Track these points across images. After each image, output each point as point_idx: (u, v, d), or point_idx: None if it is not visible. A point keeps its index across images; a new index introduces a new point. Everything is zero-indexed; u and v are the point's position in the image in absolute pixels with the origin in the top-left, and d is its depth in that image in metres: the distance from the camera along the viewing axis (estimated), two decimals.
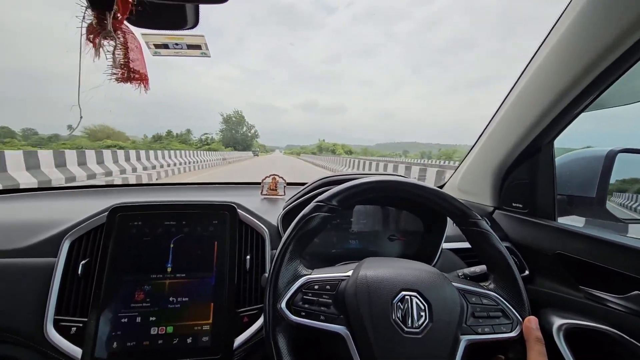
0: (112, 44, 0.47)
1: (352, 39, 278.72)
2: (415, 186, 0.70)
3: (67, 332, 0.74)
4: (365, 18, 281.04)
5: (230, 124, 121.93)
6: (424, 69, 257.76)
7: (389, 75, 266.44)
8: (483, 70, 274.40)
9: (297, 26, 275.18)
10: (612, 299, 0.77)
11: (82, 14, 0.43)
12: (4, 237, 0.84)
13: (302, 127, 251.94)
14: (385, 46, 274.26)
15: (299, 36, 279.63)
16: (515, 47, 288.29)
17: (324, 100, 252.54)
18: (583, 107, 0.81)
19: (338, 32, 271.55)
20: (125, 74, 0.50)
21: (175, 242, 0.83)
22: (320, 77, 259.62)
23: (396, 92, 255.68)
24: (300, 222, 0.66)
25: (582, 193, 0.99)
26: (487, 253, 0.68)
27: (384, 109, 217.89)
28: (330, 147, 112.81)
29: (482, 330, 0.59)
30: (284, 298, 0.60)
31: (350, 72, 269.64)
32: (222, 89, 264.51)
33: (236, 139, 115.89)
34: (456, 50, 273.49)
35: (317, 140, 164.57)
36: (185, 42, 0.76)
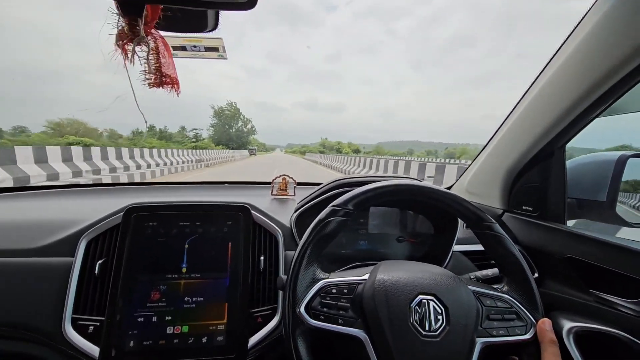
0: (145, 49, 0.47)
1: (352, 37, 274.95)
2: (431, 190, 0.71)
3: (85, 331, 0.75)
4: (365, 16, 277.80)
5: (222, 118, 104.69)
6: (425, 67, 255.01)
7: (390, 74, 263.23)
8: (485, 68, 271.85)
9: (297, 24, 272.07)
10: (623, 303, 0.77)
11: (116, 20, 0.44)
12: (23, 236, 0.85)
13: (303, 126, 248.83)
14: (386, 44, 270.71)
15: (299, 34, 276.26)
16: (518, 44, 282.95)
17: (325, 98, 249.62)
18: (599, 112, 0.81)
19: (338, 30, 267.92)
20: (157, 78, 0.51)
21: (190, 242, 0.84)
22: (320, 75, 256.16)
23: (397, 90, 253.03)
24: (317, 226, 0.66)
25: (593, 197, 0.99)
26: (501, 256, 0.68)
27: (385, 108, 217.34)
28: (334, 146, 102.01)
29: (497, 333, 0.60)
30: (303, 302, 0.61)
31: (350, 70, 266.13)
32: (222, 87, 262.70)
33: (230, 136, 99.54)
34: (458, 48, 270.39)
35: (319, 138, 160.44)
36: (203, 45, 0.77)
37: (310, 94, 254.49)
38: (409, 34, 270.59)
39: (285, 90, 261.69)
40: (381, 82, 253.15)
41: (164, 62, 0.51)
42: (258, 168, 20.53)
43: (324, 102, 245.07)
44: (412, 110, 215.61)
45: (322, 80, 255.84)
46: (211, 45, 0.77)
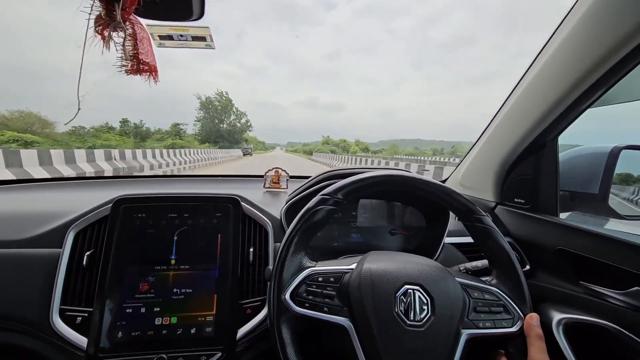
0: (122, 35, 0.46)
1: (352, 36, 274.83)
2: (421, 181, 0.70)
3: (73, 322, 0.75)
4: (365, 14, 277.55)
5: (211, 110, 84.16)
6: (426, 65, 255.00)
7: (390, 72, 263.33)
8: (486, 67, 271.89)
9: (296, 22, 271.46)
10: (612, 295, 0.77)
11: (90, 5, 0.43)
12: (10, 228, 0.85)
13: (303, 125, 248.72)
14: (386, 43, 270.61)
15: (299, 32, 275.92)
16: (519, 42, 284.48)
17: (325, 97, 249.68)
18: (590, 103, 0.81)
19: (338, 28, 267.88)
20: (135, 65, 0.50)
21: (179, 234, 0.83)
22: (320, 74, 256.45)
23: (397, 89, 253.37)
24: (305, 214, 0.66)
25: (585, 189, 0.99)
26: (490, 249, 0.68)
27: (385, 106, 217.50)
28: (340, 144, 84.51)
29: (483, 325, 0.59)
30: (289, 289, 0.61)
31: (350, 69, 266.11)
32: (221, 85, 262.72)
33: (220, 132, 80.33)
34: (458, 46, 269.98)
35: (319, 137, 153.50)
36: (190, 34, 0.76)
37: (310, 93, 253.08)
38: (409, 32, 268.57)
39: (285, 89, 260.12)
40: (381, 81, 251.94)
41: (141, 49, 0.50)
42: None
43: (324, 100, 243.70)
44: (412, 109, 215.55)
45: (322, 79, 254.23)
46: (198, 34, 0.76)
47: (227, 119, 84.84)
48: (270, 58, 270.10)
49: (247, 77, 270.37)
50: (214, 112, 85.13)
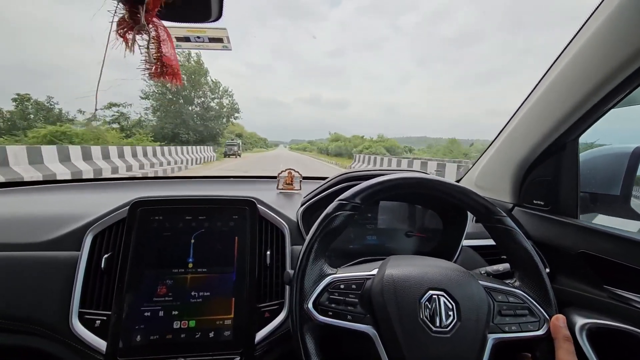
0: (146, 38, 0.46)
1: (356, 33, 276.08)
2: (440, 183, 0.69)
3: (92, 325, 0.75)
4: (369, 11, 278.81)
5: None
6: (431, 62, 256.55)
7: (395, 69, 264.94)
8: (491, 64, 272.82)
9: (300, 19, 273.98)
10: (638, 299, 0.75)
11: (114, 7, 0.42)
12: (29, 231, 0.85)
13: (306, 122, 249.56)
14: (391, 39, 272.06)
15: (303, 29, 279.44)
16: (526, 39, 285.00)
17: (328, 94, 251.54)
18: (614, 104, 0.79)
19: (342, 25, 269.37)
20: (158, 68, 0.49)
21: (196, 237, 0.83)
22: (324, 71, 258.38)
23: (402, 86, 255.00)
24: (324, 221, 0.65)
25: (606, 191, 0.96)
26: (512, 250, 0.67)
27: (389, 103, 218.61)
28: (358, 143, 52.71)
29: (509, 329, 0.58)
30: (311, 298, 0.60)
31: (354, 66, 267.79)
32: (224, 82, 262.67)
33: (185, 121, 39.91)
34: (464, 43, 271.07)
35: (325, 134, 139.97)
36: (207, 35, 0.75)
37: (313, 90, 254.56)
38: (414, 29, 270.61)
39: (288, 86, 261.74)
40: (385, 78, 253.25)
41: (165, 52, 0.50)
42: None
43: (328, 97, 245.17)
44: (416, 106, 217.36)
45: (325, 75, 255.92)
46: (215, 35, 0.75)
47: (201, 96, 45.18)
48: (273, 55, 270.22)
49: (250, 74, 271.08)
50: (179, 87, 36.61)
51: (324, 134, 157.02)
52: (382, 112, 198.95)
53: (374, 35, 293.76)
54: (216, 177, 1.47)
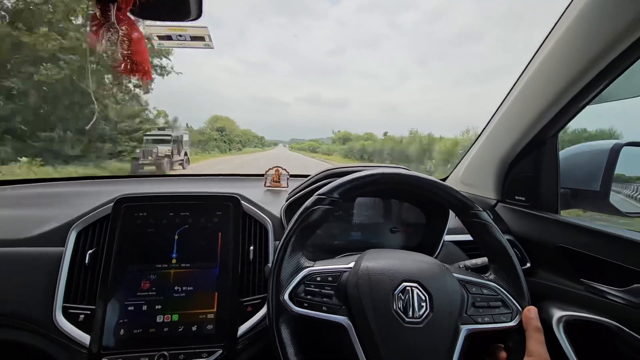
0: (116, 35, 0.47)
1: (356, 31, 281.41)
2: (417, 178, 0.70)
3: (76, 319, 0.76)
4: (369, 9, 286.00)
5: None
6: (431, 61, 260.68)
7: (395, 68, 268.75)
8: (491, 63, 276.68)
9: (299, 17, 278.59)
10: (613, 292, 0.77)
11: (86, 4, 0.43)
12: (13, 227, 0.86)
13: (306, 121, 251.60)
14: (390, 38, 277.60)
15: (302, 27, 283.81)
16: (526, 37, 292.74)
17: (328, 93, 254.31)
18: (588, 100, 0.80)
19: (341, 23, 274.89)
20: (128, 65, 0.50)
21: (180, 233, 0.84)
22: (323, 69, 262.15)
23: (402, 84, 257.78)
24: (302, 214, 0.66)
25: (586, 186, 0.98)
26: (487, 244, 0.68)
27: (389, 102, 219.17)
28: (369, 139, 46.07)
29: (482, 320, 0.59)
30: (287, 289, 0.61)
31: (354, 64, 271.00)
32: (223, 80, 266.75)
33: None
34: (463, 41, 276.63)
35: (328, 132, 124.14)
36: (188, 34, 0.76)
37: (313, 89, 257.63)
38: (414, 27, 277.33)
39: (288, 85, 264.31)
40: (385, 77, 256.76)
41: (135, 49, 0.51)
42: None
43: (327, 96, 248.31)
44: (417, 105, 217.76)
45: (325, 74, 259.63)
46: (197, 34, 0.76)
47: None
48: (272, 53, 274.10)
49: (248, 72, 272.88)
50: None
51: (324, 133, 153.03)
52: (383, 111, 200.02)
53: (373, 33, 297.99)
54: (203, 175, 1.49)
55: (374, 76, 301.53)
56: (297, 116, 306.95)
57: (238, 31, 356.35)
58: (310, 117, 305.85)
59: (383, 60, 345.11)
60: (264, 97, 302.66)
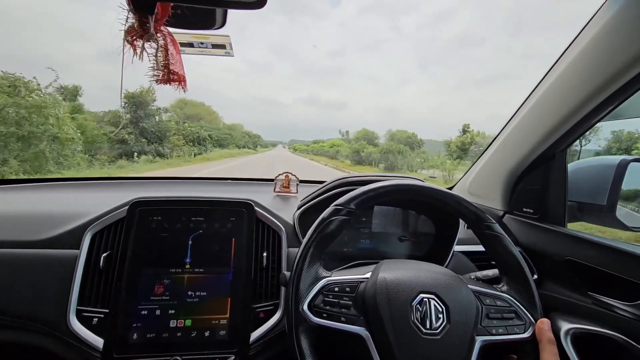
0: (154, 46, 0.48)
1: (356, 34, 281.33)
2: (432, 190, 0.71)
3: (89, 323, 0.76)
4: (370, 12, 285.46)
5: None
6: (432, 65, 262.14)
7: (396, 71, 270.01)
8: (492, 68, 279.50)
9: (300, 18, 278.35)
10: (621, 306, 0.78)
11: (125, 16, 0.44)
12: (29, 228, 0.86)
13: (305, 122, 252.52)
14: (391, 41, 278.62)
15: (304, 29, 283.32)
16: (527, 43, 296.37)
17: (328, 95, 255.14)
18: (601, 117, 0.82)
19: (342, 25, 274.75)
20: (165, 75, 0.51)
21: (194, 237, 0.85)
22: (323, 71, 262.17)
23: (403, 88, 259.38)
24: (320, 225, 0.67)
25: (593, 200, 0.99)
26: (500, 256, 0.69)
27: (389, 106, 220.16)
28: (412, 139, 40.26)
29: (496, 331, 0.61)
30: (306, 300, 0.62)
31: (354, 67, 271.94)
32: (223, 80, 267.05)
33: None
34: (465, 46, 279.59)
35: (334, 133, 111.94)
36: (210, 42, 0.77)
37: (312, 90, 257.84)
38: (415, 31, 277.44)
39: (287, 86, 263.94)
40: (386, 80, 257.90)
41: (172, 59, 0.52)
42: None
43: (327, 98, 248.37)
44: (418, 109, 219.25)
45: (325, 76, 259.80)
46: (218, 42, 0.77)
47: None
48: (273, 54, 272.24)
49: (249, 73, 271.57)
50: None
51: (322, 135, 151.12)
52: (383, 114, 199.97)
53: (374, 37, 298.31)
54: (214, 178, 1.49)
55: (374, 79, 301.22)
56: (296, 117, 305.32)
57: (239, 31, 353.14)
58: (309, 119, 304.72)
59: (384, 63, 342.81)
60: (265, 97, 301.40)
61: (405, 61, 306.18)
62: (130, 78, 0.58)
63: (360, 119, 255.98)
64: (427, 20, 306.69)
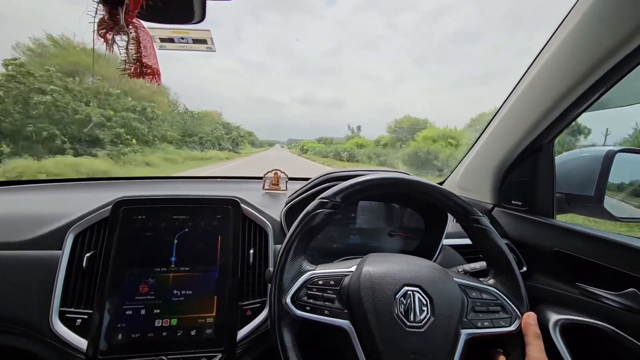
0: (125, 39, 0.47)
1: (353, 31, 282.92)
2: (419, 183, 0.71)
3: (73, 324, 0.75)
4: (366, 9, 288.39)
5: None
6: (428, 62, 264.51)
7: (392, 69, 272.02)
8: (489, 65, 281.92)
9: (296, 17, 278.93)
10: (608, 296, 0.78)
11: (94, 8, 0.43)
12: (10, 229, 0.84)
13: (302, 121, 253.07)
14: (388, 38, 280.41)
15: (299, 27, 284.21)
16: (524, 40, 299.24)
17: (324, 93, 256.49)
18: (585, 107, 0.82)
19: (339, 23, 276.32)
20: (137, 69, 0.50)
21: (179, 236, 0.84)
22: (319, 70, 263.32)
23: (399, 85, 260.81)
24: (304, 218, 0.67)
25: (581, 192, 1.00)
26: (487, 249, 0.69)
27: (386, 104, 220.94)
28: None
29: (481, 325, 0.60)
30: (289, 293, 0.61)
31: (351, 65, 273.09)
32: (220, 81, 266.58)
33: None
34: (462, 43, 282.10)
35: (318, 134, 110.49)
36: (191, 37, 0.76)
37: (309, 89, 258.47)
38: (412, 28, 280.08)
39: (284, 85, 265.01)
40: (382, 78, 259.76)
41: (145, 52, 0.51)
42: None
43: (324, 97, 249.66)
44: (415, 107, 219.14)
45: (321, 74, 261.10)
46: (199, 37, 0.76)
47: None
48: (268, 53, 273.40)
49: (244, 72, 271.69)
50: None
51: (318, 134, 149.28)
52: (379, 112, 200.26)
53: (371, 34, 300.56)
54: (202, 177, 1.48)
55: (370, 77, 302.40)
56: (293, 117, 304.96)
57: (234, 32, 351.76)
58: (305, 118, 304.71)
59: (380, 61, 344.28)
60: (261, 97, 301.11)
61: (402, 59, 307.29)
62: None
63: (359, 117, 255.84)
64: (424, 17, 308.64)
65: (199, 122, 27.10)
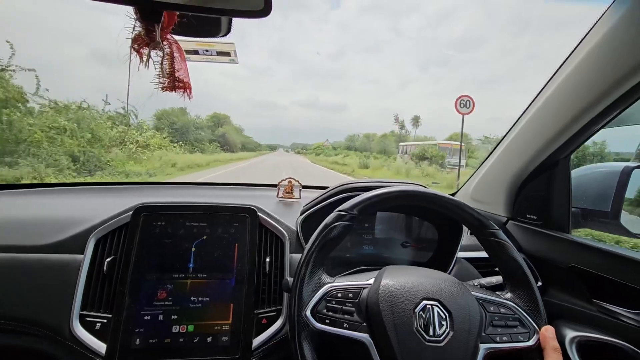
0: (160, 54, 0.49)
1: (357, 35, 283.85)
2: (436, 196, 0.72)
3: (92, 328, 0.76)
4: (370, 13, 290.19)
5: None
6: (433, 66, 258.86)
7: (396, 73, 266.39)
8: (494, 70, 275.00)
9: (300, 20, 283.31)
10: (626, 314, 0.77)
11: (132, 25, 0.45)
12: (33, 233, 0.86)
13: (305, 125, 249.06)
14: (391, 42, 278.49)
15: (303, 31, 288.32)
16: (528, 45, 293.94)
17: (327, 97, 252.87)
18: (604, 124, 0.82)
19: (342, 27, 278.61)
20: (171, 83, 0.52)
21: (197, 243, 0.85)
22: (322, 73, 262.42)
23: (403, 89, 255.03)
24: (323, 231, 0.67)
25: (597, 207, 0.99)
26: (504, 263, 0.69)
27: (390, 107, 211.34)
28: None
29: (500, 339, 0.60)
30: (309, 306, 0.62)
31: (354, 69, 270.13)
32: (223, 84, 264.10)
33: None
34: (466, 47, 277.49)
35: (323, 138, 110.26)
36: (215, 49, 0.78)
37: (312, 93, 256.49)
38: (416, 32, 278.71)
39: (286, 89, 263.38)
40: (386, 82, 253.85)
41: (177, 67, 0.52)
42: None
43: (326, 101, 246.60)
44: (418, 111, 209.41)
45: (324, 78, 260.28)
46: (223, 50, 0.78)
47: None
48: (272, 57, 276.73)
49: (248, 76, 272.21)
50: None
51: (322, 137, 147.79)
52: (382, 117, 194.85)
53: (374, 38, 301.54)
54: (217, 183, 1.49)
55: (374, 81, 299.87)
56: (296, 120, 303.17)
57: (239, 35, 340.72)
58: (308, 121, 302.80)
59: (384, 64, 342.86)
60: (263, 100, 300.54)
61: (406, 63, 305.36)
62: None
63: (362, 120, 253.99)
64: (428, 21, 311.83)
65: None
